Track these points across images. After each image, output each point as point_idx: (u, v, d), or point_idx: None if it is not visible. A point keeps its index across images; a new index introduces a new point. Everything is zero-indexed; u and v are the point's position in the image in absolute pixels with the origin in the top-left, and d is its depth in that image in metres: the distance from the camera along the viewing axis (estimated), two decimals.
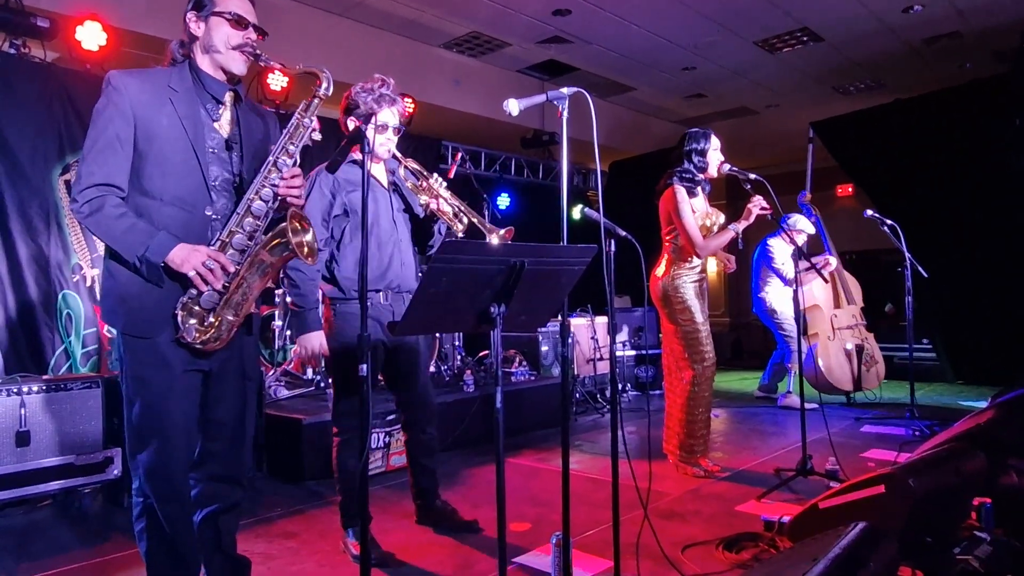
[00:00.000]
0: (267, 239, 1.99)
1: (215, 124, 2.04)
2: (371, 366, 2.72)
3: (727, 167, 3.71)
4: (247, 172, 2.07)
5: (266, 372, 4.90)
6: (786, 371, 6.09)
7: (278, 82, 5.91)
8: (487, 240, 2.89)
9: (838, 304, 5.86)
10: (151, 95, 1.94)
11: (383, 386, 3.12)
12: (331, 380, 2.85)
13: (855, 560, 1.64)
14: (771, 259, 5.71)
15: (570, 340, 2.23)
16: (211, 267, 1.88)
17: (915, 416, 5.05)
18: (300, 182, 2.06)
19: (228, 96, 2.07)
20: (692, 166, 3.72)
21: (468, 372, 5.08)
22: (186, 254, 1.88)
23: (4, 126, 4.52)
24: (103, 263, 1.99)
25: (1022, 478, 2.58)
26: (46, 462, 3.26)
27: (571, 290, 2.09)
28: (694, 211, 3.67)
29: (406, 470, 3.12)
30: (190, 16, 2.01)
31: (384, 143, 2.78)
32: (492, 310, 1.86)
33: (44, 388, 3.29)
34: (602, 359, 6.21)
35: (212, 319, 1.93)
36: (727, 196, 10.23)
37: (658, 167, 4.01)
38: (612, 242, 2.39)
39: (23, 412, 3.21)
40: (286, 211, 2.05)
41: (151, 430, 1.94)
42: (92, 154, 1.88)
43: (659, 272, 3.80)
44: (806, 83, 8.09)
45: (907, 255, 5.19)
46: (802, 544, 2.06)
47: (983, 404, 3.95)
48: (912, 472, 2.23)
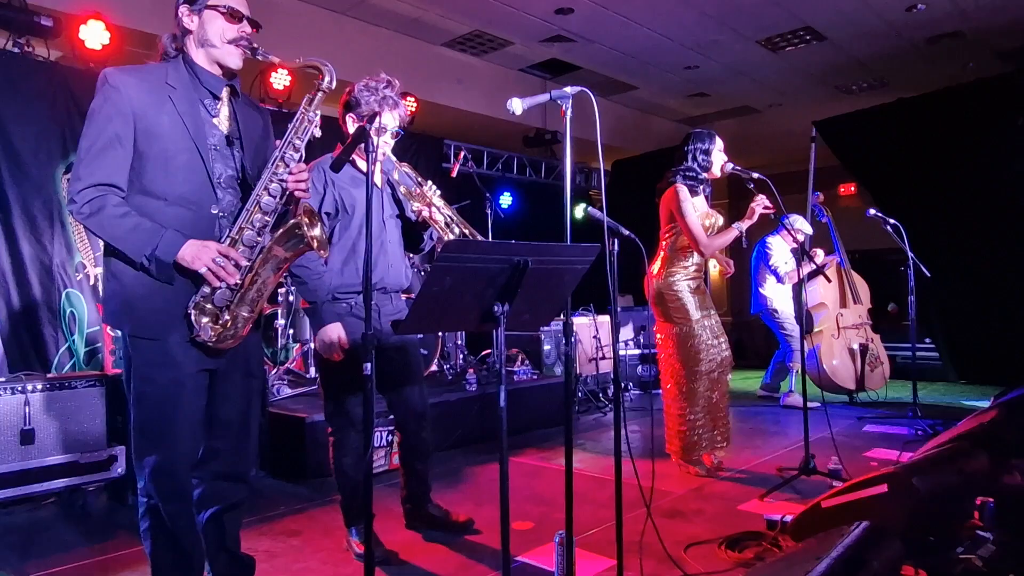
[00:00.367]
0: (280, 234, 1.97)
1: (214, 120, 2.01)
2: (354, 365, 2.70)
3: (730, 166, 3.71)
4: (250, 168, 2.06)
5: (269, 371, 4.90)
6: (788, 370, 6.09)
7: (280, 80, 5.91)
8: None
9: (844, 303, 5.86)
10: (150, 93, 1.90)
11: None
12: (322, 383, 2.81)
13: (858, 559, 1.64)
14: (768, 257, 5.72)
15: (573, 339, 2.23)
16: (222, 263, 1.86)
17: (918, 415, 5.05)
18: (307, 176, 2.04)
19: (225, 91, 2.04)
20: (697, 165, 3.72)
21: (471, 371, 5.09)
22: (196, 251, 1.86)
23: (8, 125, 4.53)
24: (104, 265, 1.96)
25: None
26: (50, 460, 3.27)
27: (574, 289, 2.09)
28: (696, 209, 3.68)
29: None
30: (183, 10, 1.97)
31: (382, 145, 2.76)
32: (495, 309, 1.85)
33: (48, 386, 3.30)
34: (604, 358, 6.21)
35: (227, 316, 1.92)
36: (730, 195, 10.22)
37: (660, 166, 4.01)
38: (615, 241, 2.39)
39: (27, 410, 3.22)
40: (292, 205, 2.05)
41: (159, 431, 1.92)
42: (91, 154, 1.84)
43: (654, 271, 3.80)
44: (809, 82, 8.08)
45: (910, 254, 5.19)
46: (805, 543, 2.06)
47: (986, 403, 3.93)
48: (915, 471, 2.24)
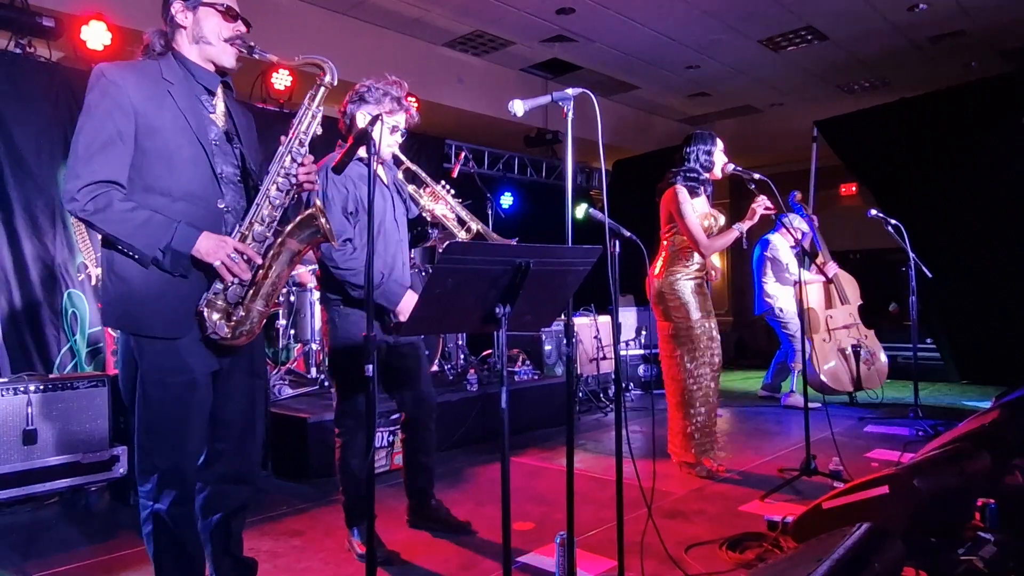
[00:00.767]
0: (294, 226, 1.96)
1: (212, 116, 1.99)
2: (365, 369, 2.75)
3: (731, 167, 3.72)
4: (250, 164, 2.05)
5: (270, 371, 4.91)
6: (789, 370, 6.08)
7: (281, 81, 5.91)
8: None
9: (831, 304, 5.80)
10: (149, 88, 1.87)
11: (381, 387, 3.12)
12: (333, 381, 2.84)
13: (859, 561, 1.64)
14: (776, 253, 5.69)
15: (574, 339, 2.23)
16: (236, 259, 1.85)
17: (919, 416, 5.04)
18: (311, 170, 2.04)
19: (219, 87, 2.03)
20: (698, 165, 3.72)
21: (472, 371, 5.09)
22: (214, 245, 1.84)
23: (10, 125, 4.54)
24: (105, 264, 1.90)
25: None
26: (53, 460, 3.27)
27: (576, 290, 2.09)
28: (695, 210, 3.68)
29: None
30: (177, 6, 1.94)
31: (391, 144, 2.79)
32: (497, 310, 1.86)
33: (51, 387, 3.31)
34: (605, 358, 6.22)
35: (241, 312, 1.90)
36: (731, 196, 10.22)
37: (662, 166, 4.01)
38: (616, 242, 2.39)
39: (30, 411, 3.23)
40: (299, 199, 2.05)
41: (172, 436, 1.89)
42: (92, 150, 1.80)
43: (655, 271, 3.80)
44: (810, 82, 8.08)
45: (911, 255, 5.18)
46: (806, 544, 2.07)
47: (987, 404, 3.94)
48: (916, 472, 2.24)
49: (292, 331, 5.31)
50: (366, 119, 2.68)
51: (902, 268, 5.29)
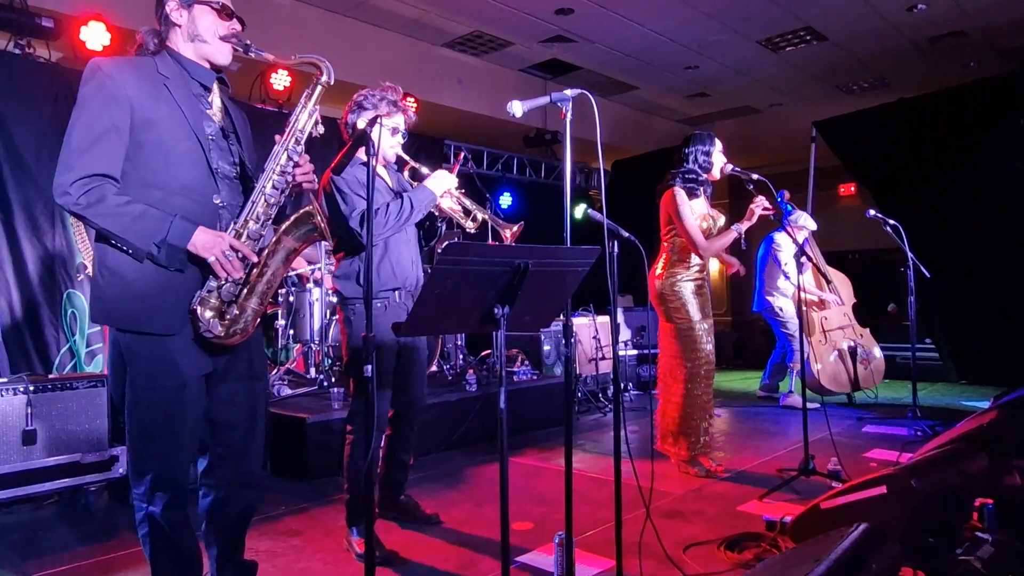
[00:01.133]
0: (290, 224, 1.95)
1: (208, 112, 1.97)
2: (386, 366, 2.77)
3: (730, 167, 3.72)
4: (247, 160, 2.04)
5: (269, 371, 4.91)
6: (787, 369, 6.09)
7: (280, 81, 5.92)
8: (502, 234, 3.04)
9: (824, 305, 5.77)
10: (145, 82, 1.85)
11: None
12: (349, 379, 2.88)
13: (857, 561, 1.65)
14: (778, 253, 5.68)
15: (572, 340, 2.23)
16: (231, 256, 1.82)
17: (917, 416, 5.04)
18: (308, 168, 2.02)
19: (215, 84, 2.01)
20: (697, 166, 3.73)
21: (471, 371, 5.09)
22: (210, 240, 1.81)
23: (9, 126, 4.54)
24: (97, 260, 1.86)
25: None
26: (52, 460, 3.28)
27: (574, 291, 2.10)
28: (693, 212, 3.69)
29: (416, 468, 3.14)
30: (171, 4, 1.92)
31: (394, 145, 2.86)
32: (496, 311, 1.86)
33: (50, 387, 3.31)
34: (604, 359, 6.22)
35: (235, 310, 1.87)
36: (730, 196, 10.23)
37: (661, 166, 4.02)
38: (615, 243, 2.39)
39: (29, 411, 3.23)
40: (290, 199, 2.05)
41: (162, 439, 1.87)
42: (85, 143, 1.76)
43: (656, 271, 3.81)
44: (809, 82, 8.09)
45: (910, 255, 5.18)
46: (804, 544, 2.07)
47: (986, 404, 3.94)
48: (914, 473, 2.24)
49: (291, 331, 5.31)
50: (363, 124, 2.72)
51: (901, 268, 5.29)
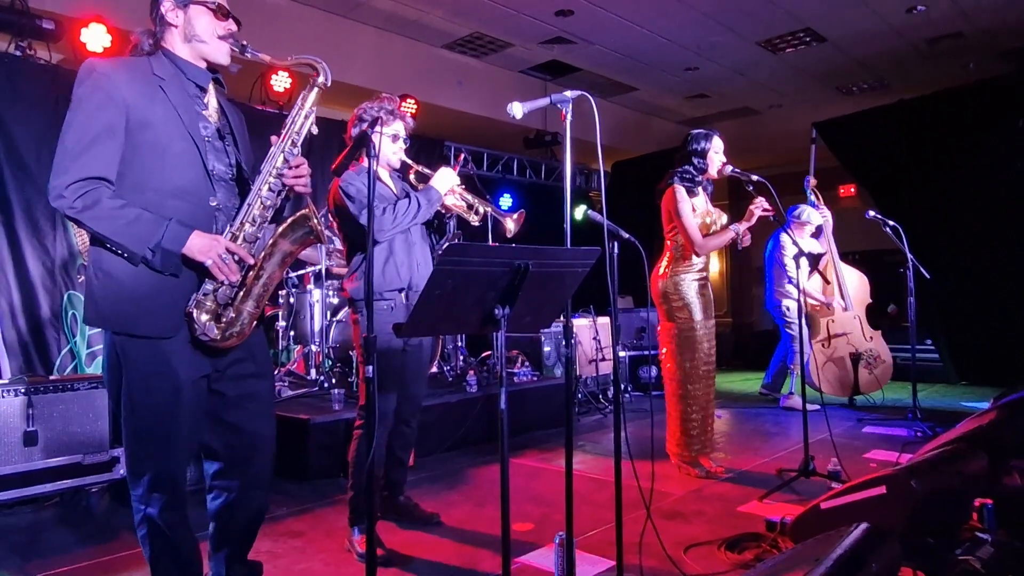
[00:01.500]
0: (286, 227, 1.94)
1: (204, 113, 1.95)
2: (390, 368, 2.79)
3: (729, 168, 3.73)
4: (242, 162, 2.04)
5: None
6: (788, 370, 6.09)
7: (281, 83, 5.93)
8: (505, 224, 3.09)
9: (828, 309, 5.77)
10: (140, 83, 1.83)
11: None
12: (359, 376, 3.01)
13: (857, 561, 1.65)
14: (782, 253, 5.68)
15: (573, 341, 2.24)
16: (227, 259, 1.82)
17: (917, 417, 5.04)
18: (306, 170, 2.01)
19: (211, 84, 2.00)
20: (692, 167, 3.75)
21: (471, 372, 5.10)
22: (205, 243, 1.80)
23: (10, 128, 4.55)
24: (93, 262, 1.85)
25: None
26: (53, 461, 3.28)
27: (575, 292, 2.10)
28: (694, 210, 3.70)
29: (417, 469, 3.15)
30: (167, 4, 1.91)
31: (396, 151, 2.92)
32: (496, 312, 1.86)
33: (51, 388, 3.32)
34: (604, 359, 6.22)
35: (231, 313, 1.87)
36: (730, 197, 10.24)
37: (661, 167, 4.03)
38: (615, 244, 2.40)
39: (30, 412, 3.24)
40: (288, 200, 2.05)
41: (158, 441, 1.86)
42: (80, 146, 1.74)
43: (660, 270, 3.82)
44: (809, 83, 8.10)
45: (909, 256, 5.19)
46: (804, 545, 2.07)
47: (985, 405, 3.94)
48: (914, 473, 2.25)
49: (292, 332, 5.31)
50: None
51: (900, 269, 5.29)
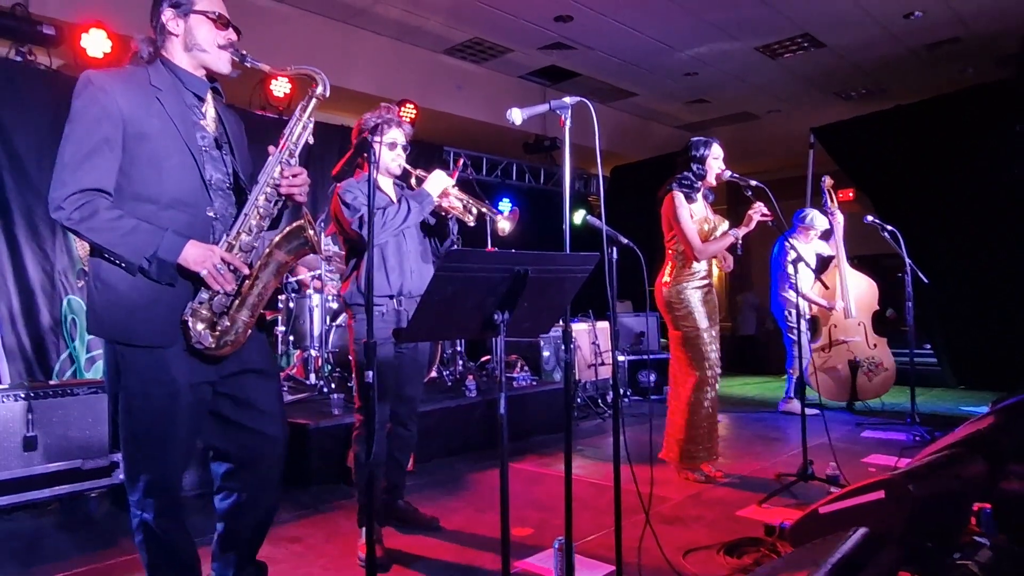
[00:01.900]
0: (282, 237, 1.95)
1: (201, 123, 1.96)
2: (381, 374, 2.80)
3: (728, 174, 3.74)
4: (240, 171, 2.04)
5: None
6: (787, 374, 6.10)
7: (280, 88, 5.95)
8: (498, 224, 3.05)
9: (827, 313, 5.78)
10: (137, 95, 1.85)
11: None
12: (355, 381, 2.98)
13: (855, 565, 1.65)
14: (784, 258, 5.68)
15: (572, 345, 2.25)
16: (223, 269, 1.83)
17: (916, 422, 5.05)
18: (303, 180, 2.01)
19: (209, 93, 2.01)
20: (691, 173, 3.76)
21: (470, 377, 5.10)
22: (200, 253, 1.82)
23: (11, 133, 4.57)
24: (92, 272, 1.87)
25: (1023, 483, 2.59)
26: (53, 466, 3.28)
27: (574, 297, 2.11)
28: (692, 216, 3.71)
29: (416, 474, 3.15)
30: (168, 13, 1.92)
31: (395, 158, 2.93)
32: (496, 317, 1.88)
33: (51, 393, 3.32)
34: (603, 364, 6.23)
35: (226, 322, 1.88)
36: (728, 202, 10.25)
37: (660, 172, 4.04)
38: (614, 249, 2.41)
39: (30, 417, 3.24)
40: (286, 210, 2.05)
41: (154, 447, 1.87)
42: (77, 158, 1.77)
43: (664, 279, 3.83)
44: (807, 88, 8.13)
45: (907, 261, 5.20)
46: (803, 549, 2.07)
47: (984, 409, 3.95)
48: (912, 477, 2.25)
49: (291, 337, 5.32)
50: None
51: (899, 274, 5.31)
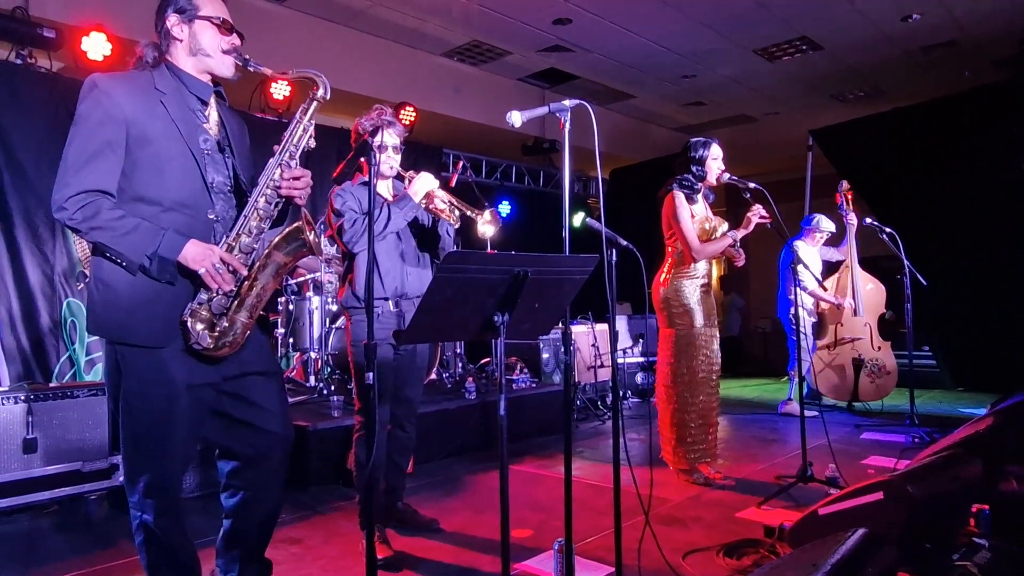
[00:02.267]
0: (280, 239, 1.97)
1: (204, 126, 1.99)
2: (382, 374, 2.81)
3: (727, 176, 3.75)
4: (241, 173, 2.06)
5: None
6: (788, 376, 6.11)
7: (280, 91, 5.95)
8: (478, 221, 2.99)
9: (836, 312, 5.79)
10: (141, 98, 1.88)
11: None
12: (354, 383, 2.98)
13: (854, 566, 1.66)
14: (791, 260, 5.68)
15: (571, 347, 2.25)
16: (221, 269, 1.85)
17: (915, 423, 5.07)
18: (305, 182, 2.03)
19: (212, 97, 2.03)
20: (691, 174, 3.77)
21: (470, 379, 5.10)
22: (200, 252, 1.84)
23: (10, 136, 4.57)
24: (93, 272, 1.90)
25: (1021, 484, 2.59)
26: (52, 469, 3.28)
27: (573, 299, 2.12)
28: (693, 216, 3.72)
29: (416, 476, 3.15)
30: (173, 19, 1.96)
31: (386, 160, 2.92)
32: (496, 318, 1.88)
33: (51, 395, 3.32)
34: (603, 366, 6.24)
35: (225, 323, 1.89)
36: (727, 204, 10.27)
37: (658, 174, 4.06)
38: (613, 251, 2.42)
39: (30, 419, 3.24)
40: (287, 211, 2.06)
41: (153, 448, 1.88)
42: (81, 160, 1.80)
43: (662, 277, 3.84)
44: (805, 91, 8.14)
45: (906, 263, 5.21)
46: (802, 550, 2.08)
47: (982, 411, 3.96)
48: (911, 479, 2.26)
49: (291, 339, 5.32)
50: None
51: (897, 276, 5.32)
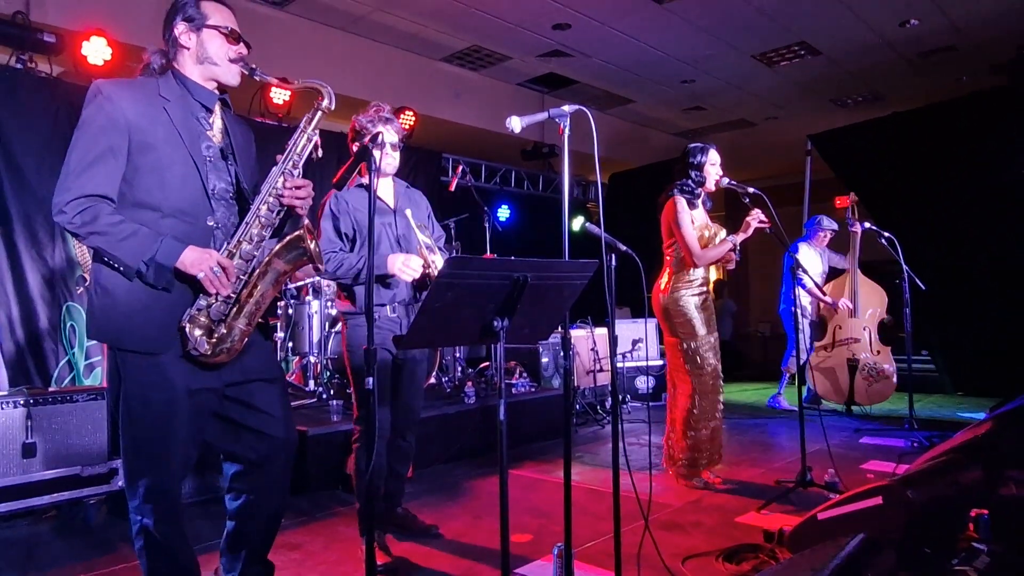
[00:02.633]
0: (281, 247, 1.98)
1: (208, 133, 2.01)
2: (380, 378, 2.81)
3: (726, 181, 3.76)
4: (244, 181, 2.07)
5: None
6: (782, 371, 6.14)
7: (280, 96, 5.97)
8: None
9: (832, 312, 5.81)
10: (144, 105, 1.90)
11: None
12: (352, 389, 2.97)
13: (854, 571, 1.66)
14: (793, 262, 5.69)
15: (571, 352, 2.26)
16: (218, 273, 1.86)
17: (914, 428, 5.07)
18: (307, 192, 2.04)
19: (217, 105, 2.05)
20: (691, 180, 3.78)
21: (469, 384, 5.10)
22: (198, 256, 1.85)
23: (11, 140, 4.57)
24: (93, 278, 1.92)
25: (1020, 489, 2.59)
26: (51, 473, 3.27)
27: (572, 304, 2.12)
28: (693, 222, 3.73)
29: (415, 481, 3.14)
30: (181, 27, 1.97)
31: (385, 157, 2.90)
32: (495, 324, 1.88)
33: (50, 400, 3.31)
34: (602, 371, 6.24)
35: (223, 329, 1.90)
36: (726, 209, 10.28)
37: (657, 179, 4.07)
38: (613, 256, 2.42)
39: (29, 424, 3.23)
40: (288, 220, 2.06)
41: (153, 453, 1.90)
42: (83, 165, 1.83)
43: (661, 285, 3.84)
44: (804, 96, 8.16)
45: (905, 267, 5.22)
46: (801, 555, 2.08)
47: (982, 416, 3.97)
48: (910, 484, 2.26)
49: (290, 344, 5.32)
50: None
51: (896, 280, 5.33)
